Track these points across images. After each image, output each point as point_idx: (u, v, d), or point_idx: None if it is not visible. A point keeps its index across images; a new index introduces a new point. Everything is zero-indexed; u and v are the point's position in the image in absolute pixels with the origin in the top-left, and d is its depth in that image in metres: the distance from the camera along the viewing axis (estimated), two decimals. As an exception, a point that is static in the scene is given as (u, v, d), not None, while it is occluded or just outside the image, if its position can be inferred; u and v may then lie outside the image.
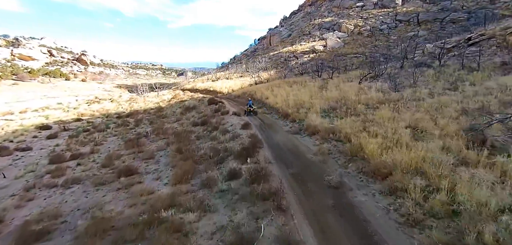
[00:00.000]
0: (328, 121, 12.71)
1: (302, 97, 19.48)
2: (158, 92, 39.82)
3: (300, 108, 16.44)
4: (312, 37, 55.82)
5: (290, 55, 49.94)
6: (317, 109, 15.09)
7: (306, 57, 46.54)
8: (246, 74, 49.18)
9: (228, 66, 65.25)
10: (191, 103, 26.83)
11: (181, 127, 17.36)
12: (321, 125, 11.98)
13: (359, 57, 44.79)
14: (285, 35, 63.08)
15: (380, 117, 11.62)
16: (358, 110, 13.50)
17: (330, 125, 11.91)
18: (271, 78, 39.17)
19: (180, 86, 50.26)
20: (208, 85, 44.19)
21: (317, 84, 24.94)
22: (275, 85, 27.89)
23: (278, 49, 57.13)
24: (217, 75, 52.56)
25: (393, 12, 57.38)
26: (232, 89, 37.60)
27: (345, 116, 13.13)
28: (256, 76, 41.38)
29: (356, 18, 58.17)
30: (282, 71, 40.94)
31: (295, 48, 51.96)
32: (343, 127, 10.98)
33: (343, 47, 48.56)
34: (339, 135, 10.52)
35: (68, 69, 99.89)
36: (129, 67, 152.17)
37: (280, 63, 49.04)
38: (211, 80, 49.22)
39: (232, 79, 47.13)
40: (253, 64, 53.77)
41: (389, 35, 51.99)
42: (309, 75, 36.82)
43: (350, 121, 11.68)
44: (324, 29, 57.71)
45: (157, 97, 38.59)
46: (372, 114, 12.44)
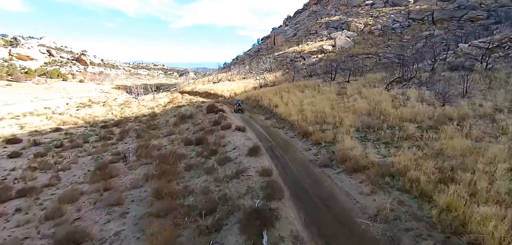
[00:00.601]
0: (374, 150, 8.83)
1: (320, 107, 15.65)
2: (154, 96, 36.10)
3: (323, 123, 12.62)
4: (319, 37, 51.86)
5: (297, 55, 46.05)
6: (348, 127, 11.28)
7: (314, 58, 42.65)
8: (249, 75, 45.36)
9: (230, 67, 61.45)
10: (188, 110, 23.07)
11: (170, 145, 13.59)
12: (364, 156, 8.18)
13: (372, 57, 40.86)
14: (290, 35, 59.18)
15: (452, 148, 7.78)
16: (409, 132, 9.67)
17: (379, 158, 8.08)
18: (277, 80, 35.31)
19: (179, 88, 46.59)
20: (209, 88, 40.43)
21: (333, 89, 21.06)
22: (284, 89, 24.06)
23: (283, 49, 53.24)
24: (219, 76, 48.79)
25: (405, 10, 53.30)
26: (235, 93, 33.78)
27: (392, 140, 9.31)
28: (260, 78, 37.57)
29: (365, 16, 54.15)
30: (289, 73, 37.09)
31: (302, 48, 48.06)
32: (404, 165, 7.16)
33: (353, 47, 44.61)
34: (403, 181, 6.69)
35: (67, 69, 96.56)
36: (131, 67, 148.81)
37: (286, 63, 45.17)
38: (212, 82, 45.47)
39: (235, 81, 43.33)
40: (257, 65, 49.93)
41: (402, 35, 47.97)
42: (319, 78, 32.94)
43: (409, 153, 7.84)
44: (332, 28, 53.74)
45: (153, 101, 34.89)
46: (435, 140, 8.62)
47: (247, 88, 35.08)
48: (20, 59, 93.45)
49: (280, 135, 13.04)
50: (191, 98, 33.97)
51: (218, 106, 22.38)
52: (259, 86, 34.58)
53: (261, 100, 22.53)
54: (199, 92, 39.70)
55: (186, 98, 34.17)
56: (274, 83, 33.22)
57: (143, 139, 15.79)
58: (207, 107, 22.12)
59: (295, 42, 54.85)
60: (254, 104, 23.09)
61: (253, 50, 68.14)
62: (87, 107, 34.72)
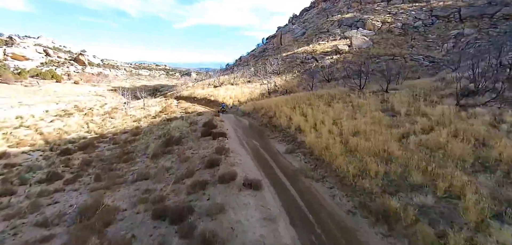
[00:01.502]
0: None
1: (374, 139, 9.79)
2: (145, 103, 30.26)
3: (407, 188, 6.75)
4: (332, 36, 45.85)
5: (308, 56, 40.09)
6: (475, 205, 5.44)
7: (329, 59, 36.68)
8: (255, 79, 39.50)
9: (233, 69, 55.59)
10: (178, 127, 17.24)
11: (132, 210, 7.78)
12: None
13: (396, 59, 34.82)
14: (299, 34, 53.23)
15: None
16: None
17: None
18: (289, 85, 29.39)
19: (176, 92, 40.83)
20: (209, 92, 34.62)
21: (372, 103, 15.13)
22: (303, 100, 18.13)
23: (291, 49, 47.30)
24: (221, 79, 42.94)
25: (427, 6, 47.12)
26: (239, 100, 27.89)
27: None
28: (267, 82, 31.72)
29: (383, 13, 48.04)
30: (303, 78, 31.13)
31: (313, 48, 42.09)
32: None
33: (373, 47, 38.58)
34: None
35: (64, 70, 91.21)
36: (132, 67, 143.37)
37: (296, 65, 39.24)
38: (213, 86, 39.66)
39: (238, 85, 37.48)
40: (263, 66, 44.05)
41: (426, 34, 41.82)
42: (339, 83, 26.99)
43: None
44: (345, 27, 47.70)
45: (143, 109, 29.11)
46: None
47: (253, 95, 29.19)
48: (15, 59, 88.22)
49: (324, 204, 7.11)
50: (188, 106, 28.13)
51: (217, 123, 16.50)
52: (268, 92, 28.67)
53: (275, 116, 16.60)
54: (197, 97, 33.88)
55: (182, 106, 28.32)
56: (286, 90, 27.24)
57: (101, 186, 10.00)
58: (203, 125, 16.25)
59: (304, 42, 48.86)
60: (265, 120, 17.13)
61: (257, 51, 62.21)
62: (66, 116, 28.96)
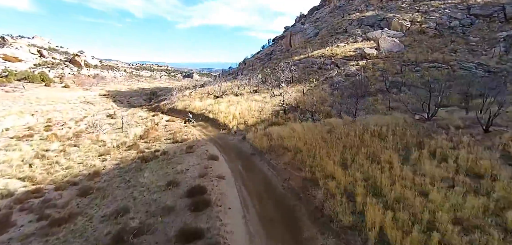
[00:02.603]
0: None
1: None
2: (126, 120, 22.96)
3: None
4: (352, 37, 38.44)
5: (326, 61, 32.75)
6: None
7: (354, 65, 29.34)
8: (262, 87, 32.26)
9: (236, 73, 48.33)
10: (149, 185, 10.18)
11: None
12: None
13: (439, 67, 27.38)
14: (311, 34, 45.87)
15: None
16: None
17: None
18: (309, 101, 22.13)
19: (170, 103, 33.70)
20: (208, 106, 27.45)
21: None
22: (355, 143, 10.91)
23: (304, 51, 39.98)
24: (222, 86, 35.75)
25: (462, 4, 39.54)
26: (244, 121, 20.63)
27: None
28: (280, 93, 24.46)
29: (410, 12, 40.50)
30: (327, 90, 23.80)
31: (332, 51, 34.72)
32: None
33: (406, 51, 31.16)
34: None
35: (58, 72, 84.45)
36: (132, 68, 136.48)
37: (313, 72, 31.91)
38: (213, 96, 32.45)
39: (243, 95, 30.26)
40: (272, 72, 36.76)
41: (466, 36, 34.29)
42: (377, 99, 19.80)
43: None
44: (367, 27, 40.26)
45: (122, 129, 21.91)
46: None
47: (263, 113, 21.92)
48: (6, 60, 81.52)
49: None
50: (177, 129, 20.91)
51: (211, 190, 9.31)
52: (283, 110, 21.40)
53: (314, 177, 9.27)
54: (192, 112, 26.72)
55: (170, 128, 21.11)
56: (312, 112, 19.86)
57: None
58: (188, 192, 9.08)
59: (319, 44, 41.48)
60: (297, 183, 9.53)
61: (263, 53, 54.90)
62: (24, 139, 21.85)
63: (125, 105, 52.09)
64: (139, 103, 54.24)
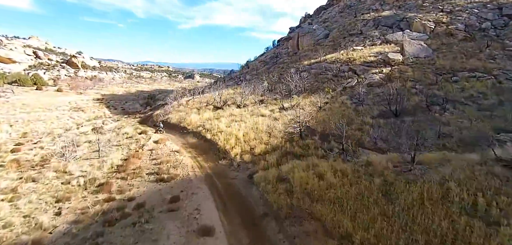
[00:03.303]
0: None
1: None
2: (101, 146, 18.17)
3: None
4: (369, 39, 33.79)
5: (342, 67, 28.13)
6: None
7: (377, 73, 24.72)
8: (269, 97, 27.74)
9: (239, 78, 43.77)
10: None
11: None
12: None
13: (480, 77, 22.67)
14: (321, 36, 41.24)
15: None
16: None
17: None
18: (331, 119, 17.59)
19: (163, 113, 29.24)
20: (206, 120, 23.01)
21: None
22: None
23: (314, 55, 35.39)
24: (223, 95, 31.26)
25: (493, 3, 34.75)
26: (250, 147, 16.11)
27: None
28: (290, 104, 19.93)
29: (433, 11, 35.75)
30: (356, 106, 19.18)
31: (348, 55, 30.08)
32: None
33: (436, 57, 26.50)
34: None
35: (54, 74, 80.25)
36: (133, 69, 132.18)
37: (327, 80, 27.32)
38: (213, 107, 27.94)
39: (247, 107, 25.75)
40: (279, 79, 32.22)
41: (501, 39, 29.57)
42: (415, 120, 15.32)
43: None
44: (384, 28, 35.58)
45: (98, 155, 17.44)
46: None
47: (274, 136, 17.34)
48: (0, 61, 77.69)
49: None
50: (166, 156, 16.45)
51: None
52: (299, 133, 16.81)
53: None
54: (188, 129, 22.26)
55: (157, 155, 16.64)
56: (343, 146, 15.20)
57: None
58: None
59: (331, 46, 36.84)
60: None
61: (268, 56, 50.31)
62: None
63: (119, 111, 47.70)
64: (134, 109, 49.84)
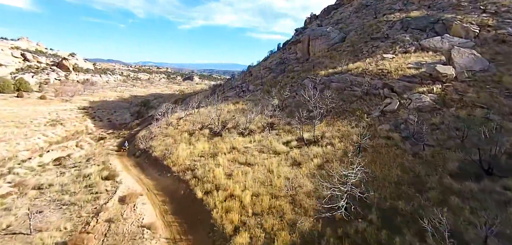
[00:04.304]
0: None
1: None
2: (31, 220, 11.78)
3: None
4: (398, 44, 27.27)
5: (373, 80, 21.64)
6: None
7: (426, 93, 18.24)
8: (281, 120, 21.29)
9: (241, 88, 37.24)
10: None
11: None
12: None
13: None
14: (337, 39, 34.80)
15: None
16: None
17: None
18: (383, 174, 11.19)
19: (148, 136, 22.76)
20: (198, 157, 16.61)
21: None
22: None
23: (331, 63, 28.93)
24: (222, 112, 24.84)
25: (546, 0, 28.29)
26: (265, 230, 9.83)
27: None
28: (312, 136, 13.50)
29: (474, 12, 29.27)
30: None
31: (377, 65, 23.62)
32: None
33: (496, 70, 20.03)
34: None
35: (43, 77, 73.44)
36: (130, 71, 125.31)
37: (356, 99, 20.86)
38: (209, 131, 21.48)
39: (254, 135, 19.33)
40: (290, 92, 25.74)
41: None
42: None
43: None
44: (416, 31, 29.08)
45: (30, 224, 11.13)
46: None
47: (301, 202, 10.89)
48: (-16, 64, 71.15)
49: None
50: (131, 235, 10.11)
51: None
52: (344, 207, 10.35)
53: None
54: (172, 170, 15.78)
55: (115, 238, 10.28)
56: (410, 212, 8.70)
57: None
58: None
59: (350, 53, 30.34)
60: None
61: (273, 61, 43.73)
62: None
63: (104, 124, 41.04)
64: (122, 121, 43.15)
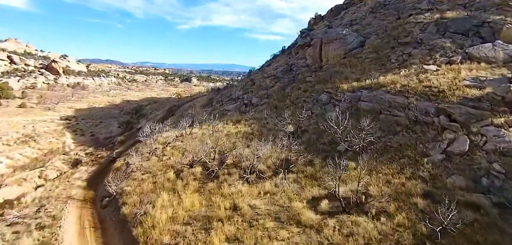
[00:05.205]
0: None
1: None
2: None
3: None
4: (437, 52, 21.71)
5: (421, 102, 16.06)
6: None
7: (508, 128, 12.76)
8: (299, 157, 15.71)
9: (242, 101, 31.47)
10: None
11: None
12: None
13: None
14: (355, 44, 29.25)
15: None
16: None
17: None
18: None
19: (123, 175, 17.14)
20: (186, 225, 11.07)
21: None
22: None
23: (352, 73, 23.40)
24: (220, 136, 19.25)
25: None
26: None
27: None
28: (349, 192, 8.00)
29: (525, 10, 23.76)
30: None
31: (419, 79, 18.06)
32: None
33: None
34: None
35: (30, 81, 67.05)
36: (126, 72, 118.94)
37: (401, 129, 15.26)
38: (201, 171, 15.90)
39: (264, 183, 13.79)
40: (305, 112, 20.14)
41: None
42: None
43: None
44: (457, 35, 23.50)
45: None
46: None
47: None
48: (-35, 67, 64.82)
49: None
50: None
51: None
52: None
53: None
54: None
55: None
56: None
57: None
58: None
59: (374, 60, 24.75)
60: None
61: (279, 67, 38.01)
62: None
63: (86, 139, 35.08)
64: (107, 134, 37.14)
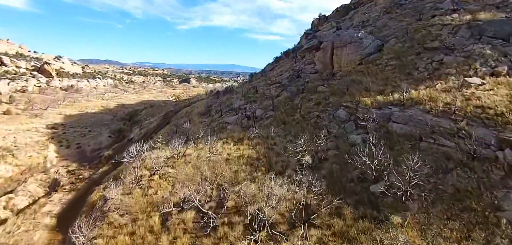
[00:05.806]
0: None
1: None
2: None
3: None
4: (478, 61, 18.16)
5: (474, 127, 12.54)
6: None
7: None
8: (322, 202, 12.17)
9: (245, 113, 27.83)
10: None
11: None
12: None
13: None
14: (372, 48, 25.67)
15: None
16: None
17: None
18: None
19: (93, 214, 13.66)
20: None
21: None
22: None
23: (372, 83, 19.91)
24: (220, 162, 15.70)
25: None
26: None
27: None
28: None
29: None
30: None
31: (467, 98, 14.58)
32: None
33: None
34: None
35: (21, 84, 63.05)
36: (124, 73, 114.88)
37: (455, 165, 11.75)
38: (195, 211, 12.44)
39: None
40: (322, 134, 16.58)
41: None
42: None
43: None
44: (496, 41, 19.90)
45: None
46: None
47: None
48: (-49, 70, 60.85)
49: None
50: None
51: None
52: None
53: None
54: None
55: None
56: None
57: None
58: None
59: (397, 68, 21.16)
60: None
61: (285, 74, 34.36)
62: None
63: (72, 152, 31.33)
64: (95, 146, 33.39)
